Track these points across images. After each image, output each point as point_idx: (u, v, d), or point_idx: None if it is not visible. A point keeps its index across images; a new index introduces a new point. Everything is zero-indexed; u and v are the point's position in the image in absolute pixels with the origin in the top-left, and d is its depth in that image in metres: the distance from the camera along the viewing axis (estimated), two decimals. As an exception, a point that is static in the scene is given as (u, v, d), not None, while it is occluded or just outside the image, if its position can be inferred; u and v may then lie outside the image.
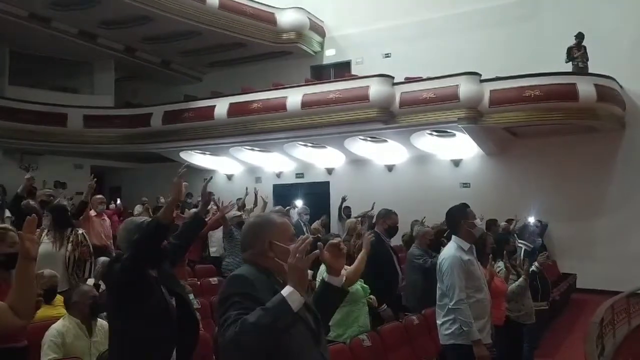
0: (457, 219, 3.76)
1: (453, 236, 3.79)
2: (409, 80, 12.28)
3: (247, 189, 11.00)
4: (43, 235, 5.10)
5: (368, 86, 11.98)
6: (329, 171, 14.84)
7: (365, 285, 4.51)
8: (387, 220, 5.44)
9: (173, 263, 3.14)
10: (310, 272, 3.28)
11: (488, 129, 11.53)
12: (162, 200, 12.89)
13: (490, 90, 11.08)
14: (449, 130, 12.13)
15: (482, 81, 11.28)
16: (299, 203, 11.49)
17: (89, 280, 5.25)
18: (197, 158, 15.62)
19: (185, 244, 3.28)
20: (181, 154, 15.34)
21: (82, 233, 5.60)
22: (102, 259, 5.65)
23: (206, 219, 3.68)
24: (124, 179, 17.45)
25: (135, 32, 14.14)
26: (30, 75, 14.55)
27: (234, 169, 16.11)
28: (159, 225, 2.55)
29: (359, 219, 10.09)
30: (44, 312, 3.72)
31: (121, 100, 16.38)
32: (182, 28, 13.77)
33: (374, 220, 6.55)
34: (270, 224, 1.94)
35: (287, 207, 10.49)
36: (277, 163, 15.26)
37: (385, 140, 13.13)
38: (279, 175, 15.63)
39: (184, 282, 4.38)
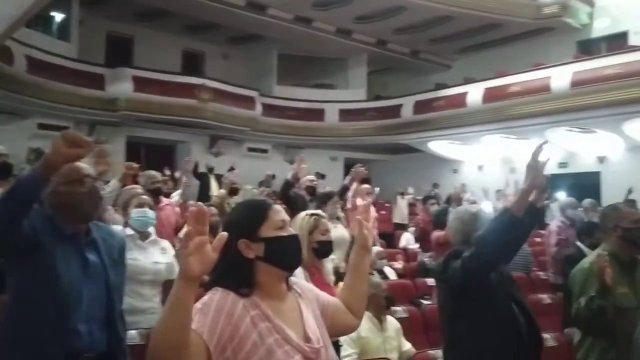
0: None
1: None
2: None
3: (507, 180, 10.12)
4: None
5: (658, 57, 10.04)
6: (601, 160, 12.95)
7: None
8: None
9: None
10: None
11: None
12: (411, 190, 12.75)
13: None
14: None
15: None
16: (561, 195, 10.08)
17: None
18: (444, 148, 15.18)
19: (522, 241, 2.59)
20: (429, 144, 15.08)
21: None
22: (376, 249, 5.55)
23: None
24: (373, 170, 17.89)
25: (387, 24, 14.28)
26: (293, 75, 15.81)
27: (485, 159, 15.21)
28: (513, 219, 2.06)
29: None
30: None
31: (372, 93, 16.80)
32: (434, 14, 13.46)
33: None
34: None
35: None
36: (535, 152, 13.90)
37: (678, 122, 10.90)
38: (537, 165, 14.21)
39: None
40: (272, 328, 1.42)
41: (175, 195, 5.94)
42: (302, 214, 2.61)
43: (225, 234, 1.24)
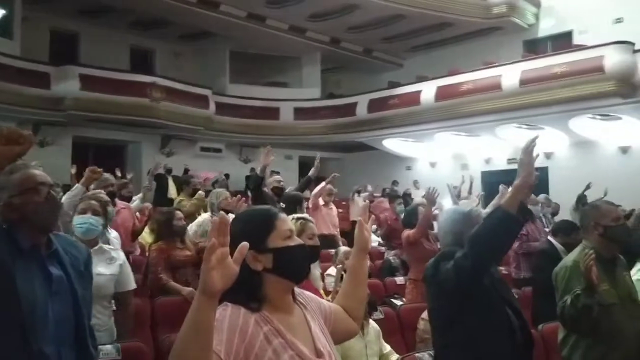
0: None
1: None
2: (654, 45, 10.44)
3: (463, 176, 10.31)
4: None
5: (602, 56, 10.52)
6: (547, 155, 13.36)
7: None
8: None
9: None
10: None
11: None
12: (370, 188, 12.83)
13: None
14: None
15: None
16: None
17: (330, 269, 5.11)
18: (398, 145, 15.36)
19: (514, 239, 2.50)
20: (384, 142, 15.23)
21: None
22: (344, 249, 5.50)
23: None
24: (327, 169, 17.90)
25: (341, 22, 14.30)
26: (246, 73, 15.59)
27: (438, 156, 15.50)
28: (506, 216, 2.00)
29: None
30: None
31: (326, 91, 16.80)
32: (387, 13, 13.57)
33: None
34: None
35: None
36: (486, 148, 14.27)
37: (619, 118, 11.40)
38: (487, 161, 14.60)
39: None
40: (286, 344, 1.37)
41: (136, 199, 5.74)
42: (289, 217, 2.53)
43: (246, 244, 1.17)
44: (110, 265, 2.95)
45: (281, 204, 4.93)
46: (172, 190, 9.98)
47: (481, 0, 13.75)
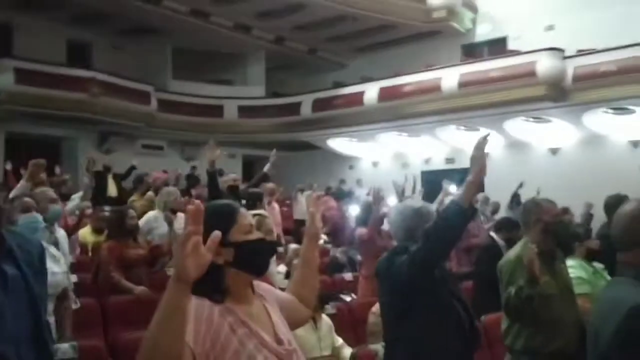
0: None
1: None
2: (582, 52, 11.09)
3: (406, 175, 10.58)
4: None
5: (535, 61, 11.07)
6: (484, 156, 13.94)
7: None
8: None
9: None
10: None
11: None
12: (316, 186, 12.95)
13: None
14: (629, 107, 10.78)
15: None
16: (453, 189, 10.77)
17: (280, 266, 5.16)
18: (342, 145, 15.56)
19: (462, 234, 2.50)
20: (328, 141, 15.38)
21: None
22: (294, 246, 5.57)
23: None
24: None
25: (286, 21, 14.34)
26: (190, 70, 15.33)
27: (380, 156, 15.82)
28: (461, 211, 2.04)
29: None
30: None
31: (270, 90, 16.75)
32: (332, 13, 13.71)
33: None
34: None
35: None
36: (426, 148, 14.70)
37: (550, 120, 12.04)
38: (427, 161, 15.05)
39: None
40: (250, 333, 1.42)
41: (76, 198, 5.56)
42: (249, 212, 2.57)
43: (219, 232, 1.18)
44: (58, 262, 2.93)
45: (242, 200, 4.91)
46: (111, 189, 9.69)
47: (422, 5, 14.12)
